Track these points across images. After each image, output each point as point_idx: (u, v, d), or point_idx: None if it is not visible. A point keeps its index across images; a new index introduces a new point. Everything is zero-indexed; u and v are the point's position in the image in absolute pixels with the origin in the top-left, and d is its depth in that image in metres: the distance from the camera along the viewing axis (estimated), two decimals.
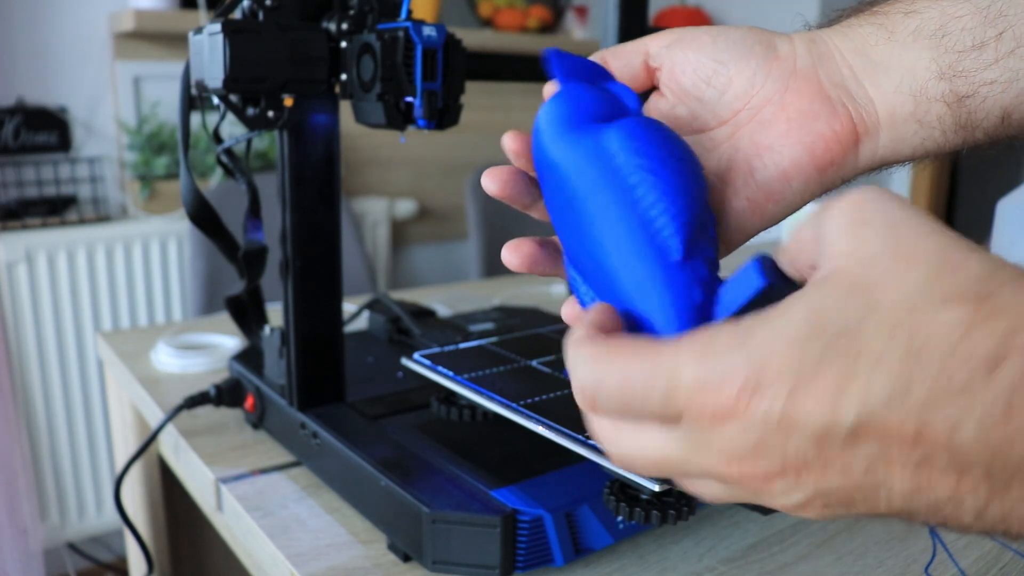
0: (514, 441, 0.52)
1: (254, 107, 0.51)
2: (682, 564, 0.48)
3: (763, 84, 0.34)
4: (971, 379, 0.20)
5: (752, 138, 0.35)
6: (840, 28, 0.35)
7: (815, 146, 0.34)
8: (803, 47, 0.35)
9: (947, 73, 0.33)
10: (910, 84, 0.33)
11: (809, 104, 0.34)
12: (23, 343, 1.52)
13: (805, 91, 0.34)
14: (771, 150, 0.34)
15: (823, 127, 0.34)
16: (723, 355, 0.23)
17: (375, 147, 1.98)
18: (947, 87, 0.33)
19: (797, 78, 0.34)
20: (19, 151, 1.54)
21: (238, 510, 0.54)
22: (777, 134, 0.34)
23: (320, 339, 0.57)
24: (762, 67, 0.34)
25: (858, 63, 0.34)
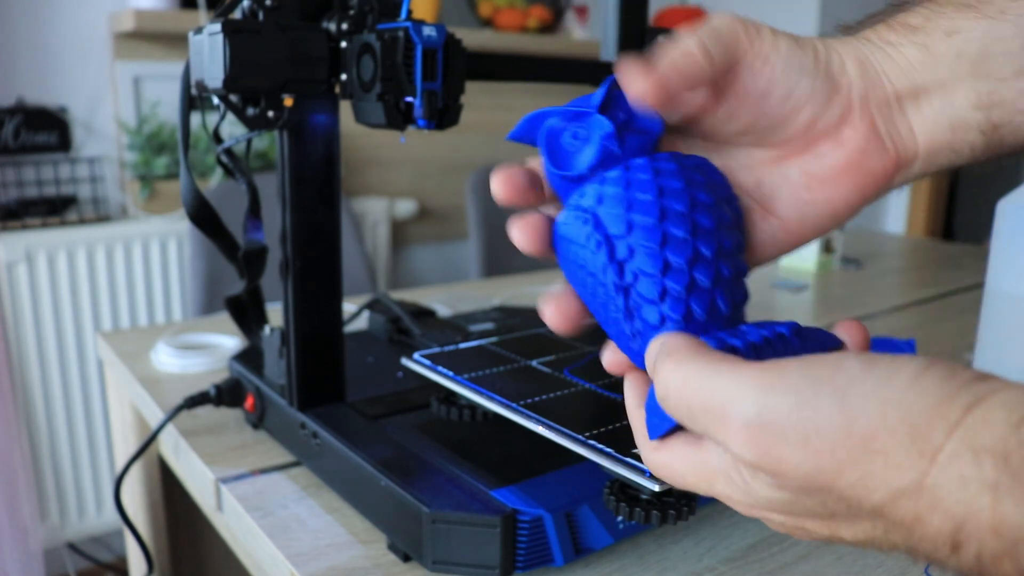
0: (514, 441, 0.52)
1: (254, 107, 0.51)
2: (682, 564, 0.48)
3: (823, 118, 0.33)
4: (936, 549, 0.23)
5: (804, 168, 0.34)
6: (882, 46, 0.33)
7: (866, 184, 0.34)
8: (856, 74, 0.33)
9: (984, 102, 0.32)
10: (949, 114, 0.33)
11: (864, 142, 0.33)
12: (23, 343, 1.52)
13: (860, 127, 0.33)
14: (826, 185, 0.34)
15: (875, 165, 0.33)
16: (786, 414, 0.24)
17: (375, 147, 1.97)
18: (984, 116, 0.32)
19: (853, 113, 0.33)
20: (19, 151, 1.54)
21: (238, 510, 0.54)
22: (833, 171, 0.34)
23: (320, 339, 0.57)
24: (824, 101, 0.33)
25: (903, 87, 0.33)
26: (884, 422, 0.23)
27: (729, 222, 0.32)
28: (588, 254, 0.32)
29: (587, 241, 0.31)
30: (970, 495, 0.21)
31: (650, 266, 0.30)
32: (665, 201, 0.31)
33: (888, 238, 1.81)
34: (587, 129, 0.33)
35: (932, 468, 0.22)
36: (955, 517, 0.22)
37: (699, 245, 0.31)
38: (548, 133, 0.33)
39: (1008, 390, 0.22)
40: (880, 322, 1.03)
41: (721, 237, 0.31)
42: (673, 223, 0.31)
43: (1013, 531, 0.21)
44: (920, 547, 0.24)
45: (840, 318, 1.03)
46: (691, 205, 0.31)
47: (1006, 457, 0.21)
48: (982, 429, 0.22)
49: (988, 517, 0.21)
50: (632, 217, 0.31)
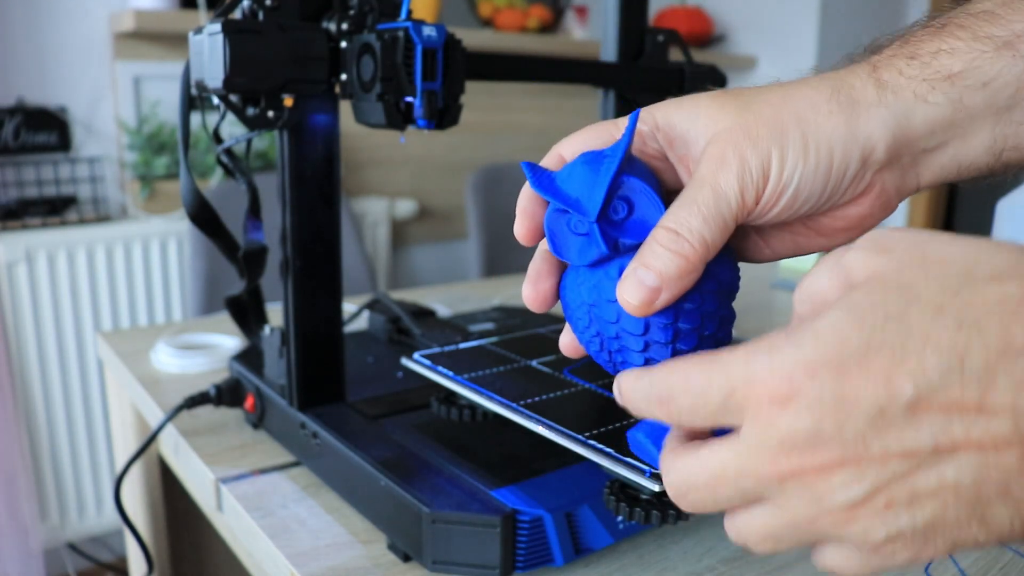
0: (514, 441, 0.52)
1: (254, 107, 0.51)
2: (682, 564, 0.48)
3: (842, 198, 0.33)
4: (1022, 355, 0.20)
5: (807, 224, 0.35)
6: (919, 102, 0.32)
7: (861, 232, 0.34)
8: (884, 148, 0.32)
9: (999, 147, 0.32)
10: (959, 160, 0.33)
11: (870, 210, 0.34)
12: (23, 343, 1.52)
13: (871, 194, 0.33)
14: (824, 237, 0.35)
15: (876, 221, 0.34)
16: (776, 350, 0.24)
17: (375, 147, 1.97)
18: (994, 159, 0.33)
19: (870, 190, 0.33)
20: (19, 151, 1.54)
21: (238, 510, 0.54)
22: (833, 229, 0.34)
23: (320, 339, 0.57)
24: (845, 197, 0.33)
25: (924, 145, 0.33)
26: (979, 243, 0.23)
27: (728, 291, 0.34)
28: (588, 339, 0.35)
29: (587, 331, 0.35)
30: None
31: (661, 356, 0.33)
32: (679, 302, 0.32)
33: None
34: (584, 224, 0.33)
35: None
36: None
37: (704, 330, 0.33)
38: (548, 220, 0.34)
39: None
40: None
41: (721, 312, 0.33)
42: (684, 319, 0.32)
43: None
44: (1009, 347, 0.21)
45: None
46: (700, 302, 0.32)
47: None
48: None
49: None
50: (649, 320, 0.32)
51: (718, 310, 0.33)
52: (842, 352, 0.23)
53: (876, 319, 0.23)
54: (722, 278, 0.33)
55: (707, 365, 0.26)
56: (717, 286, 0.33)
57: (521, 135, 2.20)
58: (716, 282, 0.33)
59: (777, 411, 0.24)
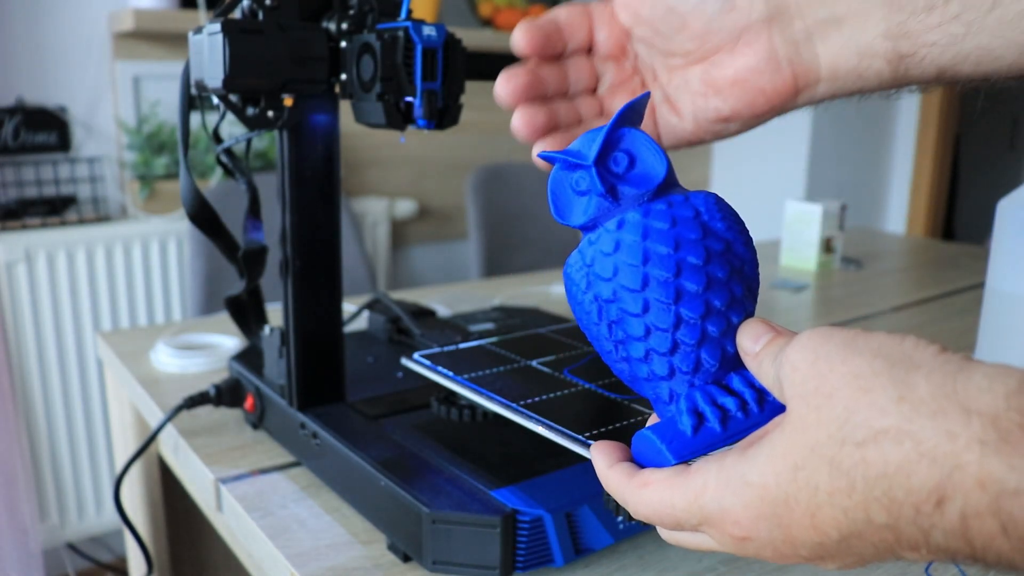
0: (514, 441, 0.52)
1: (254, 107, 0.50)
2: (682, 564, 0.48)
3: (718, 32, 0.37)
4: (920, 510, 0.24)
5: (702, 77, 0.38)
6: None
7: (756, 100, 0.37)
8: (775, 22, 0.36)
9: (893, 32, 0.34)
10: (858, 41, 0.35)
11: (757, 62, 0.37)
12: (23, 343, 1.52)
13: (756, 46, 0.37)
14: (718, 95, 0.38)
15: (766, 84, 0.37)
16: (733, 493, 0.28)
17: (375, 147, 1.97)
18: (891, 46, 0.35)
19: (750, 31, 0.37)
20: (19, 151, 1.54)
21: (238, 510, 0.54)
22: (724, 83, 0.38)
23: (320, 339, 0.57)
24: (717, 15, 0.37)
25: (816, 15, 0.36)
26: (871, 365, 0.25)
27: (739, 267, 0.33)
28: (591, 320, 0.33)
29: (589, 306, 0.33)
30: (958, 448, 0.23)
31: (663, 321, 0.31)
32: (681, 256, 0.31)
33: (888, 238, 1.81)
34: (587, 179, 0.33)
35: (916, 416, 0.24)
36: (942, 468, 0.23)
37: (711, 298, 0.32)
38: (552, 182, 0.35)
39: (987, 368, 0.24)
40: (880, 322, 1.03)
41: (732, 285, 0.32)
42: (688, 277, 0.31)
43: (998, 484, 0.22)
44: (902, 514, 0.24)
45: (840, 318, 1.03)
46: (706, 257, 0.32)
47: (995, 420, 0.22)
48: (968, 392, 0.23)
49: (975, 471, 0.22)
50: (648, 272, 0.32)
51: (729, 280, 0.32)
52: (769, 502, 0.27)
53: (785, 469, 0.27)
54: (732, 242, 0.32)
55: (682, 490, 0.30)
56: (725, 247, 0.32)
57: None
58: (724, 243, 0.32)
59: (741, 543, 0.29)
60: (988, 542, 0.23)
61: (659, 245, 0.31)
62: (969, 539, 0.23)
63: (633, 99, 0.34)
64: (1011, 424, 0.22)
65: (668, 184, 0.33)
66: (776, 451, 0.27)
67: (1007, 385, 0.23)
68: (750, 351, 0.31)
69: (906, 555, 0.26)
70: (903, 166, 2.45)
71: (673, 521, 0.30)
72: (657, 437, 0.31)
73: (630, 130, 0.34)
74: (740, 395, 0.31)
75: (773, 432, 0.28)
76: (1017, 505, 0.22)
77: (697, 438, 0.31)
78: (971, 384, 0.24)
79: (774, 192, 2.28)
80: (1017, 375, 0.23)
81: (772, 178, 2.33)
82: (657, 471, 0.31)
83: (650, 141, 0.33)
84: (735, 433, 0.30)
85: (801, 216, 1.33)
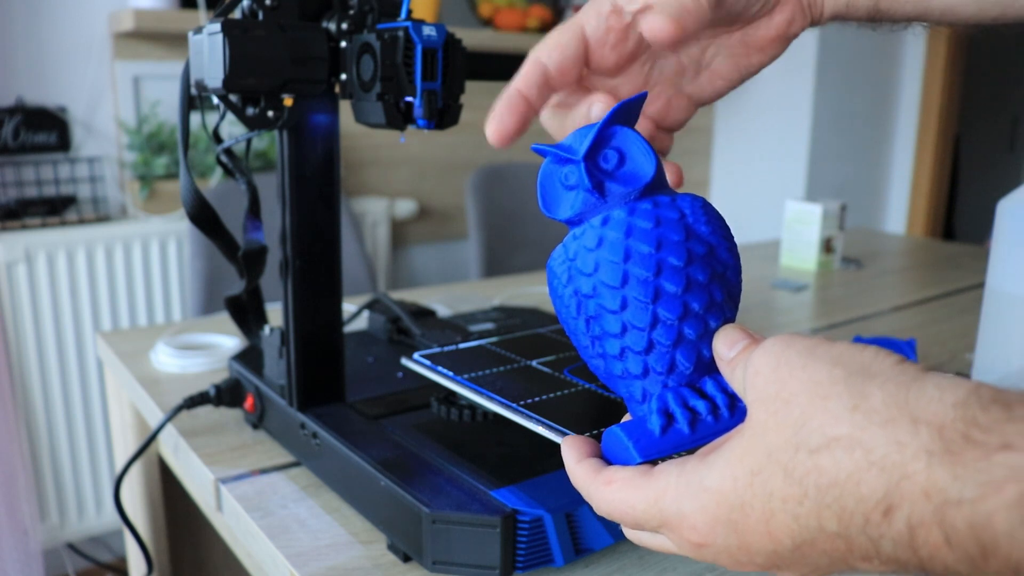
0: (514, 441, 0.52)
1: (254, 107, 0.50)
2: (682, 564, 0.48)
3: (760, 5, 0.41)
4: (869, 519, 0.24)
5: (741, 39, 0.42)
6: None
7: (784, 45, 0.43)
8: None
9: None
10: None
11: (791, 14, 0.42)
12: (23, 343, 1.52)
13: (788, 6, 0.42)
14: (760, 51, 0.42)
15: (795, 31, 0.42)
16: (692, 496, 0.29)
17: (375, 147, 1.97)
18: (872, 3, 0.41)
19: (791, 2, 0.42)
20: (19, 151, 1.54)
21: (238, 510, 0.54)
22: (766, 41, 0.42)
23: (320, 339, 0.57)
24: None
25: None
26: (830, 374, 0.26)
27: (721, 272, 0.33)
28: (569, 314, 0.33)
29: (568, 301, 0.33)
30: (906, 458, 0.23)
31: (640, 320, 0.31)
32: (662, 256, 0.32)
33: (888, 238, 1.81)
34: (576, 174, 0.34)
35: (869, 425, 0.24)
36: (890, 477, 0.23)
37: (690, 300, 0.31)
38: (542, 175, 0.35)
39: (939, 378, 0.25)
40: (880, 322, 1.03)
41: (712, 289, 0.32)
42: (668, 278, 0.31)
43: (942, 494, 0.22)
44: (852, 522, 0.24)
45: (840, 318, 1.03)
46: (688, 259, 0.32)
47: (940, 429, 0.23)
48: (919, 402, 0.24)
49: (921, 480, 0.23)
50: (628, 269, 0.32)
51: (709, 284, 0.32)
52: (725, 507, 0.28)
53: (742, 474, 0.27)
54: (716, 247, 0.33)
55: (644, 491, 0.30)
56: (707, 251, 0.32)
57: (521, 135, 2.20)
58: (707, 246, 0.32)
59: (698, 548, 0.29)
60: (934, 552, 0.23)
61: (641, 244, 0.32)
62: (916, 549, 0.23)
63: (627, 99, 0.34)
64: (955, 434, 0.23)
65: (656, 185, 0.33)
66: (734, 455, 0.28)
67: (956, 395, 0.23)
68: (725, 357, 0.31)
69: (859, 566, 0.26)
70: (903, 166, 2.45)
71: (633, 521, 0.31)
72: (625, 435, 0.31)
73: (622, 128, 0.34)
74: (712, 399, 0.31)
75: (733, 437, 0.29)
76: (959, 515, 0.22)
77: (665, 438, 0.31)
78: (923, 395, 0.24)
79: (774, 192, 2.28)
80: (967, 386, 0.24)
81: (772, 178, 2.33)
82: (621, 470, 0.31)
83: (641, 141, 0.34)
84: (703, 436, 0.31)
85: (801, 216, 1.33)
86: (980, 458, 0.22)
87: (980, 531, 0.22)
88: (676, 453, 0.31)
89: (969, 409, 0.23)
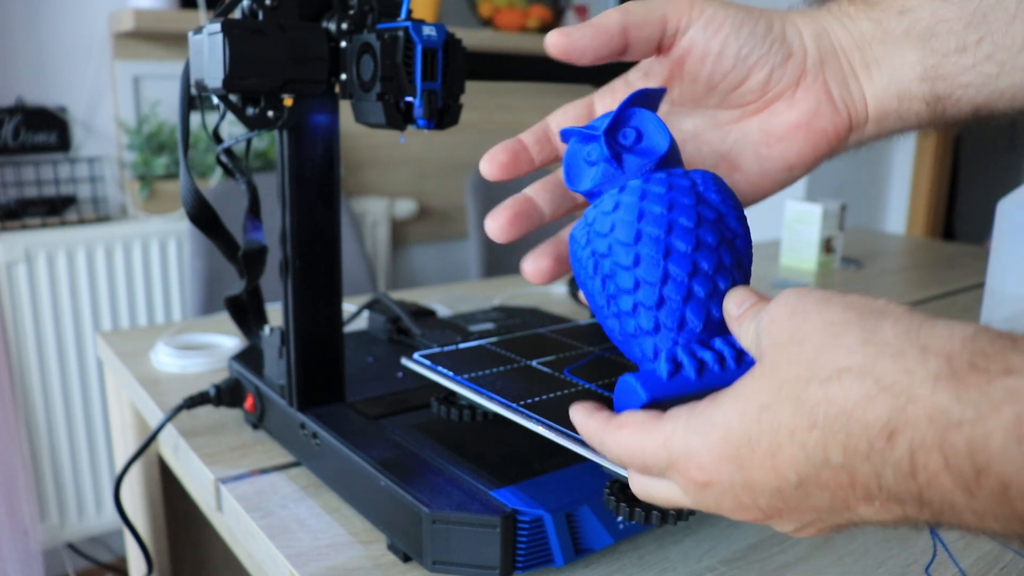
0: (514, 441, 0.52)
1: (254, 107, 0.50)
2: (682, 564, 0.48)
3: (779, 82, 0.37)
4: (873, 445, 0.24)
5: (762, 127, 0.38)
6: (841, 18, 0.37)
7: (819, 142, 0.38)
8: (812, 43, 0.37)
9: (929, 75, 0.36)
10: (897, 85, 0.36)
11: (816, 104, 0.37)
12: (23, 343, 1.52)
13: (813, 90, 0.37)
14: (781, 142, 0.38)
15: (827, 124, 0.37)
16: (698, 432, 0.29)
17: (375, 147, 1.97)
18: (928, 88, 0.36)
19: (807, 76, 0.37)
20: (19, 151, 1.54)
21: (238, 510, 0.54)
22: (787, 129, 0.38)
23: (320, 339, 0.57)
24: (779, 65, 0.37)
25: (856, 59, 0.37)
26: (844, 315, 0.27)
27: (730, 238, 0.35)
28: (587, 275, 0.36)
29: (586, 262, 0.35)
30: (913, 383, 0.24)
31: (651, 275, 0.33)
32: (673, 216, 0.34)
33: (888, 238, 1.81)
34: (597, 150, 0.36)
35: (880, 358, 0.25)
36: (897, 401, 0.24)
37: (699, 259, 0.33)
38: (567, 154, 0.38)
39: (950, 320, 0.26)
40: None
41: (721, 252, 0.34)
42: (678, 236, 0.33)
43: (945, 416, 0.23)
44: (857, 450, 0.25)
45: None
46: (697, 221, 0.34)
47: (949, 358, 0.24)
48: (929, 335, 0.24)
49: (926, 404, 0.23)
50: (641, 228, 0.34)
51: (718, 247, 0.34)
52: (732, 442, 0.28)
53: (751, 409, 0.28)
54: (725, 215, 0.34)
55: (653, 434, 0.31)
56: (717, 217, 0.34)
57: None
58: (716, 213, 0.34)
59: (703, 490, 0.30)
60: (932, 479, 0.24)
61: (654, 205, 0.34)
62: (915, 475, 0.24)
63: (648, 88, 0.36)
64: (962, 362, 0.23)
65: (670, 160, 0.36)
66: (744, 393, 0.28)
67: (965, 331, 0.24)
68: (734, 313, 0.32)
69: (860, 509, 0.26)
70: (903, 166, 2.45)
71: (642, 463, 0.32)
72: (634, 378, 0.33)
73: (640, 109, 0.36)
74: (720, 353, 0.33)
75: (744, 378, 0.29)
76: (960, 436, 0.23)
77: (671, 383, 0.32)
78: (933, 330, 0.25)
79: None
80: (976, 326, 0.25)
81: None
82: (633, 415, 0.32)
83: (657, 120, 0.36)
84: (709, 384, 0.32)
85: (801, 216, 1.33)
86: (983, 383, 0.23)
87: (976, 451, 0.22)
88: (683, 397, 0.32)
89: (978, 341, 0.24)
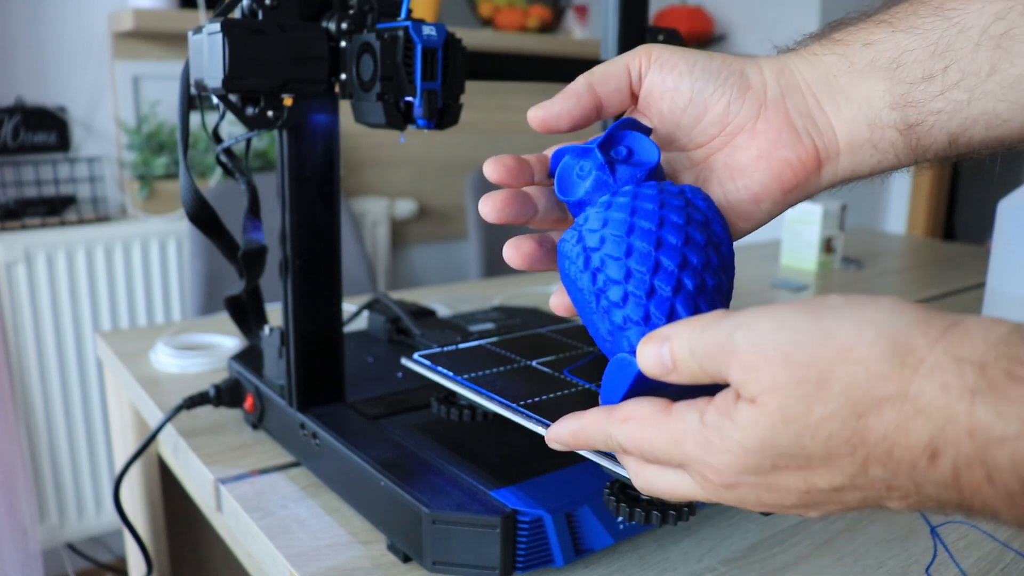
0: (514, 441, 0.52)
1: (254, 107, 0.50)
2: (682, 565, 0.48)
3: (737, 114, 0.37)
4: (916, 464, 0.24)
5: (725, 162, 0.38)
6: (806, 56, 0.38)
7: (783, 172, 0.37)
8: (772, 77, 0.37)
9: (899, 103, 0.35)
10: (866, 113, 0.36)
11: (778, 134, 0.37)
12: (22, 343, 1.52)
13: (774, 121, 0.37)
14: (743, 175, 0.38)
15: (790, 155, 0.37)
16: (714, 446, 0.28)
17: (375, 147, 1.97)
18: (899, 116, 0.36)
19: (767, 108, 0.37)
20: (18, 151, 1.54)
21: (237, 510, 0.54)
22: (749, 160, 0.37)
23: (320, 339, 0.57)
24: (736, 97, 0.37)
25: (822, 92, 0.37)
26: (861, 336, 0.25)
27: (717, 243, 0.35)
28: (577, 270, 0.36)
29: (576, 258, 0.36)
30: (951, 400, 0.23)
31: (643, 264, 0.34)
32: (664, 212, 0.34)
33: (888, 238, 1.81)
34: (590, 164, 0.37)
35: (916, 377, 0.24)
36: (936, 422, 0.24)
37: (689, 254, 0.34)
38: (561, 167, 0.38)
39: (980, 318, 0.25)
40: None
41: (709, 252, 0.35)
42: (669, 231, 0.34)
43: (985, 432, 0.23)
44: (900, 469, 0.24)
45: None
46: (687, 220, 0.35)
47: (983, 367, 0.23)
48: (963, 343, 0.24)
49: (965, 421, 0.23)
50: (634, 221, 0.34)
51: (706, 247, 0.34)
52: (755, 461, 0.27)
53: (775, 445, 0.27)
54: (711, 221, 0.35)
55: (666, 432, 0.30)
56: (705, 221, 0.35)
57: (521, 135, 2.20)
58: (704, 217, 0.35)
59: (723, 490, 0.29)
60: (976, 490, 0.24)
61: (646, 203, 0.34)
62: (960, 489, 0.24)
63: (635, 118, 0.37)
64: (998, 371, 0.23)
65: (659, 177, 0.37)
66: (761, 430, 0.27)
67: (997, 333, 0.24)
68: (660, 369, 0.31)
69: (892, 504, 0.26)
70: None
71: (652, 456, 0.31)
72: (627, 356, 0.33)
73: (630, 132, 0.37)
74: None
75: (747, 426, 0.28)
76: (1003, 453, 0.23)
77: None
78: (966, 336, 0.24)
79: None
80: (1008, 324, 0.24)
81: None
82: (636, 407, 0.32)
83: (647, 139, 0.37)
84: None
85: (801, 216, 1.33)
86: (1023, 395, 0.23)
87: (1021, 466, 0.22)
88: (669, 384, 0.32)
89: (1012, 347, 0.23)
